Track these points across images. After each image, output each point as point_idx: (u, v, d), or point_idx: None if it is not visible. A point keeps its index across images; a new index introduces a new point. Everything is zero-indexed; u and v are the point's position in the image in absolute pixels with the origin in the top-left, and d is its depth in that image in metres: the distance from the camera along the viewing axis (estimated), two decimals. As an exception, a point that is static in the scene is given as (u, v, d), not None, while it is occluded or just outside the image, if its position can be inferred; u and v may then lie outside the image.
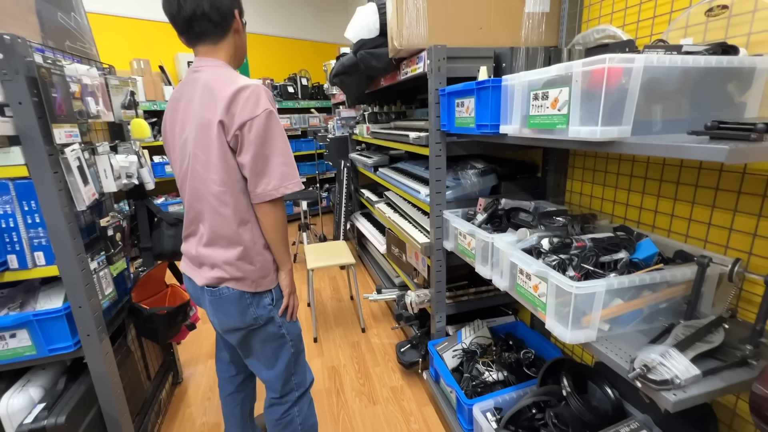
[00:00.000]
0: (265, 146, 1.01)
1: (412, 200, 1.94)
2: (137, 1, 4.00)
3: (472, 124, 1.26)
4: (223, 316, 1.13)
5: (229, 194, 1.04)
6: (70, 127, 1.16)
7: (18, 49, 1.00)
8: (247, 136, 0.99)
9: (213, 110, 0.99)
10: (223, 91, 0.98)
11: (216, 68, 1.05)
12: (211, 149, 1.01)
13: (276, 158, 1.03)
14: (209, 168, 1.03)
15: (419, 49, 1.54)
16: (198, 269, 1.14)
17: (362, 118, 2.99)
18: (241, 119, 0.98)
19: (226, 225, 1.06)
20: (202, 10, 1.00)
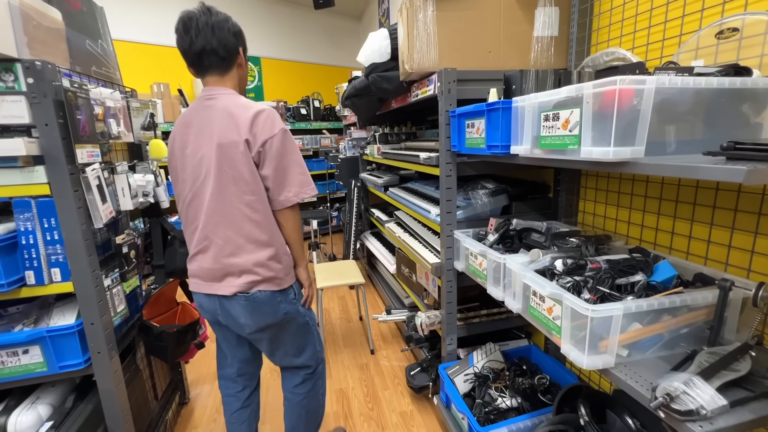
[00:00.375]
0: (284, 159, 1.18)
1: (423, 220, 1.94)
2: (158, 29, 4.20)
3: (482, 145, 1.26)
4: (259, 316, 1.24)
5: (259, 202, 1.19)
6: (92, 148, 1.20)
7: (47, 74, 1.05)
8: (268, 152, 1.15)
9: (236, 131, 1.12)
10: (244, 115, 1.13)
11: (230, 96, 1.19)
12: (239, 164, 1.14)
13: (294, 169, 1.20)
14: (239, 181, 1.15)
15: (430, 72, 1.58)
16: (219, 282, 1.22)
17: (373, 139, 3.03)
18: (263, 137, 1.14)
19: (258, 229, 1.20)
20: (211, 46, 1.16)
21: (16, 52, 1.02)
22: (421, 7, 1.48)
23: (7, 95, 1.02)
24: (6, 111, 1.03)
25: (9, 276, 1.10)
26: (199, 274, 1.24)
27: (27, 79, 1.03)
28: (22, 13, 1.04)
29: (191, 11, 1.18)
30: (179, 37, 1.18)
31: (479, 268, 1.40)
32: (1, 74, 1.02)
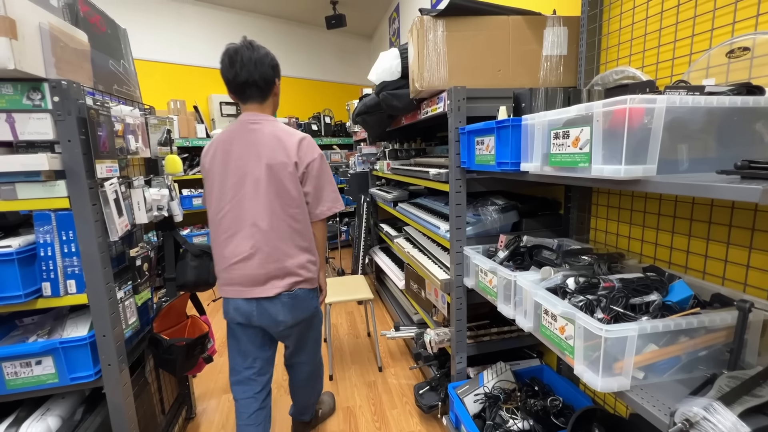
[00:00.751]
0: (321, 179, 1.43)
1: (432, 236, 1.94)
2: (176, 49, 4.36)
3: (492, 162, 1.27)
4: (298, 311, 1.44)
5: (301, 214, 1.41)
6: (111, 163, 1.24)
7: (72, 93, 1.09)
8: (309, 172, 1.39)
9: (285, 154, 1.35)
10: (290, 141, 1.36)
11: (273, 122, 1.41)
12: (286, 182, 1.35)
13: (328, 187, 1.46)
14: (284, 196, 1.36)
15: (439, 90, 1.60)
16: (262, 286, 1.38)
17: (382, 155, 3.07)
18: (307, 160, 1.38)
19: (301, 237, 1.42)
20: (253, 78, 1.35)
21: (44, 72, 1.07)
22: (432, 28, 1.51)
23: (34, 113, 1.07)
24: (32, 128, 1.07)
25: (27, 287, 1.12)
26: (241, 282, 1.38)
27: (53, 98, 1.08)
28: (52, 36, 1.10)
29: (237, 46, 1.36)
30: (224, 68, 1.36)
31: (489, 285, 1.39)
32: (29, 93, 1.06)
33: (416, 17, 1.52)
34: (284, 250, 1.38)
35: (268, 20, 5.01)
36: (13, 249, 1.10)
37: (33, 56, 1.03)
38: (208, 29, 4.58)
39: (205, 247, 1.74)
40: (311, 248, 1.46)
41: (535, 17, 1.59)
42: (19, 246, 1.12)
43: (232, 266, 1.37)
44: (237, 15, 4.76)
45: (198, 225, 4.32)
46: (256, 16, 4.90)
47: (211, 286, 1.75)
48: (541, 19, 1.59)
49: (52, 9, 1.19)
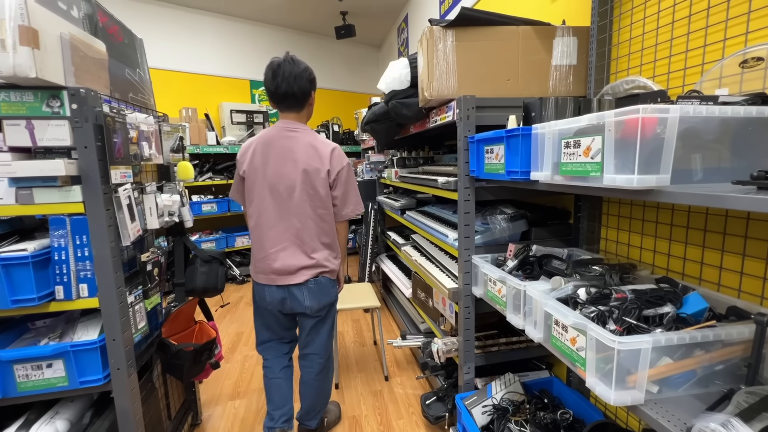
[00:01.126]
0: (348, 184, 1.64)
1: (440, 244, 1.93)
2: (189, 58, 4.45)
3: (501, 171, 1.27)
4: (322, 296, 1.63)
5: (328, 215, 1.62)
6: (125, 169, 1.26)
7: (90, 100, 1.12)
8: (339, 179, 1.60)
9: (320, 161, 1.55)
10: (325, 150, 1.57)
11: (309, 132, 1.62)
12: (319, 186, 1.56)
13: (352, 192, 1.67)
14: (315, 198, 1.57)
15: (448, 99, 1.61)
16: (293, 275, 1.58)
17: (391, 163, 3.08)
18: (337, 168, 1.59)
19: (326, 234, 1.63)
20: (293, 91, 1.54)
21: (63, 80, 1.10)
22: (441, 38, 1.53)
23: (52, 119, 1.10)
24: (51, 134, 1.10)
25: (40, 290, 1.14)
26: (275, 271, 1.58)
27: (71, 105, 1.11)
28: (72, 45, 1.13)
29: (280, 60, 1.53)
30: (267, 80, 1.54)
31: (498, 294, 1.38)
32: (48, 100, 1.09)
33: (426, 27, 1.54)
34: (312, 245, 1.60)
35: (279, 30, 5.10)
36: (28, 252, 1.12)
37: (54, 65, 1.06)
38: (220, 39, 4.67)
39: (214, 253, 1.75)
40: (333, 244, 1.68)
41: (544, 27, 1.60)
42: (34, 249, 1.14)
43: (268, 256, 1.58)
44: (248, 25, 4.86)
45: (207, 231, 4.36)
46: (266, 26, 4.99)
47: (219, 292, 1.76)
48: (550, 29, 1.60)
49: (73, 19, 1.23)
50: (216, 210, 4.10)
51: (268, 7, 4.54)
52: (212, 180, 4.15)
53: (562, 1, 1.84)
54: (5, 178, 1.10)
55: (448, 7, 3.31)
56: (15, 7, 0.95)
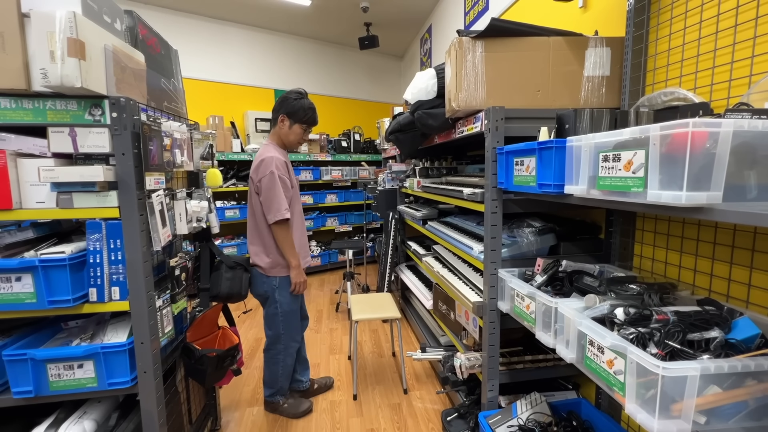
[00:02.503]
0: (269, 192, 1.84)
1: (464, 256, 1.90)
2: (218, 68, 4.59)
3: (532, 183, 1.24)
4: (255, 285, 1.95)
5: (261, 217, 1.91)
6: (159, 175, 1.29)
7: (129, 109, 1.16)
8: (261, 185, 1.85)
9: (255, 172, 1.88)
10: (257, 160, 1.88)
11: (266, 146, 1.96)
12: (253, 192, 1.91)
13: (275, 199, 1.84)
14: (254, 202, 1.92)
15: (476, 110, 1.59)
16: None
17: (412, 172, 3.07)
18: (259, 176, 1.85)
19: (258, 233, 1.94)
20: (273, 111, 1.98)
21: (105, 90, 1.14)
22: (470, 49, 1.52)
23: (94, 127, 1.14)
24: (91, 141, 1.14)
25: (75, 292, 1.17)
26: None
27: (112, 114, 1.15)
28: (114, 57, 1.18)
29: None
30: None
31: (526, 310, 1.33)
32: (91, 109, 1.13)
33: (455, 38, 1.54)
34: (250, 240, 1.98)
35: (304, 41, 5.21)
36: (65, 255, 1.15)
37: (97, 75, 1.11)
38: (247, 49, 4.81)
39: (239, 259, 1.77)
40: (266, 243, 1.92)
41: (576, 38, 1.57)
42: (71, 252, 1.17)
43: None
44: (275, 36, 4.99)
45: (229, 236, 4.44)
46: (292, 37, 5.11)
47: (242, 298, 1.78)
48: (582, 40, 1.57)
49: (116, 32, 1.28)
50: (239, 216, 4.18)
51: (295, 19, 4.66)
52: (236, 186, 4.23)
53: (594, 11, 1.81)
54: (48, 182, 1.14)
55: (473, 17, 3.31)
56: (65, 20, 1.00)
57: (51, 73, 1.01)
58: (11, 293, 1.14)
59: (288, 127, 1.94)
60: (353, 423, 2.01)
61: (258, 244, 1.91)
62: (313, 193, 4.74)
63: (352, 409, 2.13)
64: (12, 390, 1.20)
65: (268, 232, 1.88)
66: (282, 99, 1.92)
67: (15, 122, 1.12)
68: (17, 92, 1.09)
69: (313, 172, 4.72)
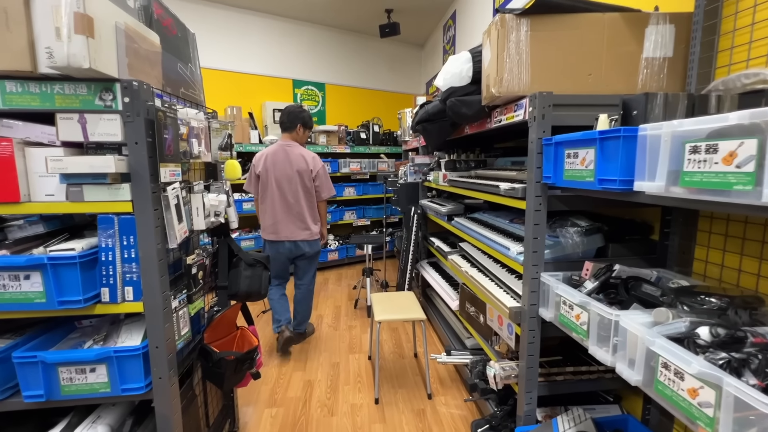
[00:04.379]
0: (323, 178, 2.63)
1: (497, 256, 1.75)
2: (237, 57, 4.51)
3: (589, 178, 1.09)
4: (314, 246, 2.65)
5: (312, 198, 2.61)
6: (174, 167, 1.19)
7: (142, 94, 1.06)
8: (319, 174, 2.60)
9: (305, 164, 2.54)
10: (308, 157, 2.57)
11: (299, 147, 2.62)
12: (306, 179, 2.56)
13: (327, 183, 2.65)
14: (302, 187, 2.57)
15: (518, 96, 1.44)
16: (296, 234, 2.56)
17: (437, 165, 2.92)
18: (317, 168, 2.57)
19: (310, 209, 2.62)
20: (283, 119, 2.60)
21: (116, 72, 1.04)
22: (514, 28, 1.36)
23: (105, 113, 1.04)
24: (102, 129, 1.05)
25: (87, 292, 1.09)
26: (284, 232, 2.54)
27: (124, 99, 1.05)
28: (127, 36, 1.07)
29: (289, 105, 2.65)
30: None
31: (575, 320, 1.19)
32: (101, 93, 1.03)
33: (497, 16, 1.38)
34: (303, 216, 2.57)
35: (323, 29, 5.08)
36: (76, 252, 1.07)
37: (107, 56, 1.00)
38: (266, 38, 4.71)
39: (259, 256, 1.67)
40: (315, 216, 2.64)
41: (634, 14, 1.39)
42: (82, 249, 1.09)
43: (276, 224, 2.53)
44: (294, 25, 4.87)
45: (246, 228, 4.39)
46: (311, 25, 4.98)
47: (262, 297, 1.69)
48: (641, 16, 1.39)
49: (128, 9, 1.17)
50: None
51: (314, 6, 4.52)
52: (253, 178, 4.16)
53: (651, -15, 1.62)
54: (57, 173, 1.05)
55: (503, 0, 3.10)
56: (71, -8, 0.89)
57: (57, 52, 0.92)
58: (20, 292, 1.07)
59: (303, 132, 2.65)
60: (376, 429, 1.92)
61: (313, 217, 2.61)
62: (331, 186, 4.64)
63: (374, 414, 2.03)
64: (23, 394, 1.13)
65: (316, 206, 2.64)
66: (296, 113, 2.59)
67: (22, 107, 1.03)
68: (23, 75, 1.00)
69: (331, 165, 4.62)
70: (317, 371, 2.45)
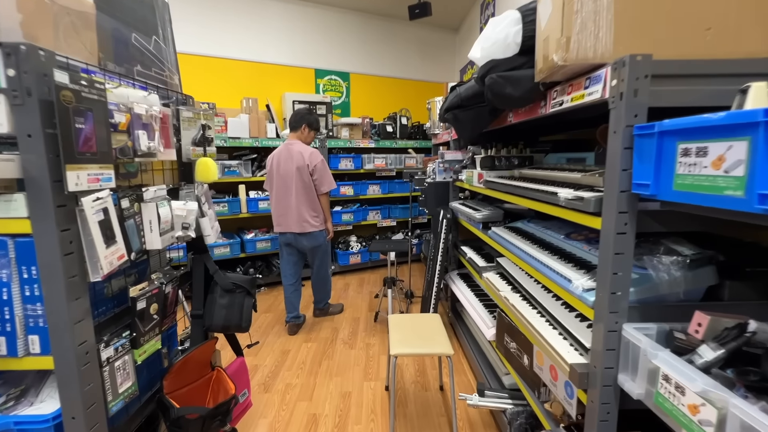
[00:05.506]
0: (322, 172, 2.75)
1: (547, 283, 1.32)
2: (255, 46, 4.24)
3: (733, 191, 0.64)
4: (313, 239, 2.78)
5: (312, 192, 2.74)
6: (99, 169, 0.86)
7: (35, 63, 0.72)
8: (316, 169, 2.71)
9: (303, 160, 2.68)
10: (306, 153, 2.70)
11: (300, 144, 2.75)
12: (304, 175, 2.69)
13: (326, 176, 2.77)
14: (300, 182, 2.71)
15: (593, 66, 0.99)
16: (297, 227, 2.72)
17: (470, 162, 2.48)
18: (314, 163, 2.70)
19: (310, 203, 2.75)
20: (291, 119, 2.81)
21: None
22: (592, -39, 0.91)
23: (-26, 92, 0.72)
24: (-26, 115, 0.72)
25: (-31, 345, 0.78)
26: (288, 225, 2.73)
27: (7, 71, 0.72)
28: (16, -21, 0.74)
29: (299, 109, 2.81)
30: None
31: (689, 413, 0.75)
32: (-30, 62, 0.71)
33: (564, -54, 0.94)
34: (301, 210, 2.70)
35: (347, 14, 4.70)
36: (-51, 291, 0.76)
37: (-27, 5, 0.67)
38: (287, 24, 4.40)
39: (240, 279, 1.34)
40: (316, 209, 2.75)
41: (785, -67, 0.90)
42: (-39, 286, 0.78)
43: (279, 217, 2.75)
44: (317, 9, 4.53)
45: (263, 228, 4.13)
46: (335, 10, 4.62)
47: (243, 330, 1.35)
48: (798, -66, 0.89)
49: (33, -53, 0.84)
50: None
51: (338, -12, 4.15)
52: (270, 175, 3.89)
53: None
54: (-77, 179, 0.75)
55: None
56: None
57: None
58: None
59: (308, 132, 2.82)
60: (387, 492, 1.54)
61: (313, 210, 2.73)
62: (353, 184, 4.28)
63: (386, 467, 1.66)
64: None
65: (317, 200, 2.74)
66: (302, 114, 2.78)
67: None
68: None
69: (354, 161, 4.26)
70: (325, 403, 2.11)
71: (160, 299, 1.12)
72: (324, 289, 3.04)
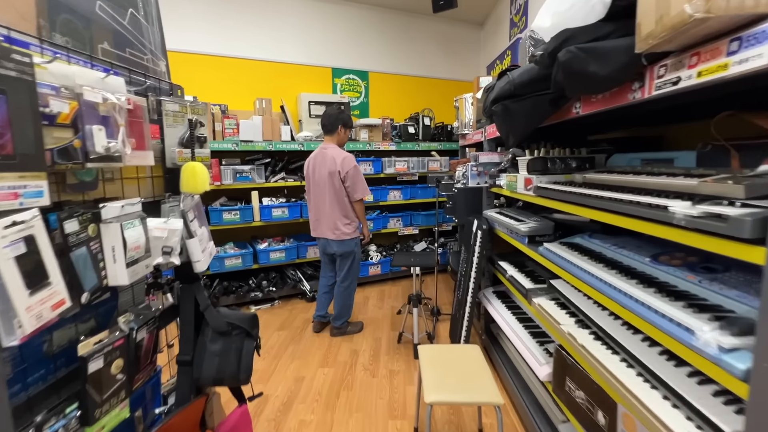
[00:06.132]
0: (354, 178, 2.69)
1: (641, 325, 0.98)
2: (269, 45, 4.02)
3: None
4: (344, 245, 2.74)
5: (345, 198, 2.71)
6: (19, 180, 0.58)
7: None
8: (348, 175, 2.66)
9: (335, 166, 2.64)
10: (339, 159, 2.65)
11: (335, 148, 2.72)
12: (335, 181, 2.66)
13: (359, 183, 2.71)
14: (331, 188, 2.69)
15: (751, 18, 0.66)
16: (328, 232, 2.72)
17: (511, 165, 2.15)
18: (347, 169, 2.64)
19: (342, 209, 2.73)
20: (324, 122, 2.76)
21: None
22: None
23: None
24: None
25: None
26: (320, 230, 2.76)
27: None
28: None
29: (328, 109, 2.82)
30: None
31: None
32: None
33: None
34: (333, 216, 2.70)
35: (366, 9, 4.44)
36: None
37: None
38: (304, 22, 4.17)
39: (238, 318, 1.05)
40: (349, 215, 2.73)
41: None
42: None
43: (314, 222, 2.79)
44: (334, 5, 4.28)
45: (278, 237, 3.88)
46: (353, 5, 4.37)
47: (242, 383, 1.06)
48: None
49: None
50: (287, 215, 3.59)
51: (356, -19, 3.89)
52: (285, 181, 3.63)
53: None
54: None
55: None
56: None
57: None
58: None
59: (344, 132, 2.76)
60: None
61: (346, 216, 2.69)
62: (372, 189, 3.98)
63: None
64: None
65: (351, 207, 2.70)
66: (335, 115, 2.71)
67: None
68: None
69: (373, 164, 3.97)
70: (344, 448, 1.81)
71: (128, 352, 0.84)
72: (345, 303, 2.87)
